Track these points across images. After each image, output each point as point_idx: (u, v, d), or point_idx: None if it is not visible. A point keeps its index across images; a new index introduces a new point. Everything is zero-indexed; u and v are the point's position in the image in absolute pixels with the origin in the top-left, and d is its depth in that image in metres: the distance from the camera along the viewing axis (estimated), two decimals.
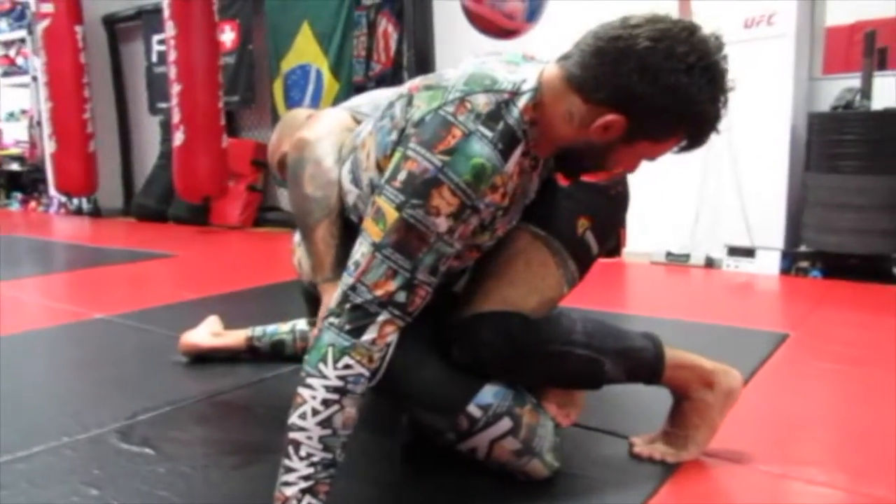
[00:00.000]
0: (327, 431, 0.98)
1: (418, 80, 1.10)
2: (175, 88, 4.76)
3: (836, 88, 3.08)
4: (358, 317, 0.98)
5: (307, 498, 0.97)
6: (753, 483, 1.23)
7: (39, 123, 6.48)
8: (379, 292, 0.98)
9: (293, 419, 0.99)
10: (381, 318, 0.98)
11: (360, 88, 4.89)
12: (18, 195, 7.25)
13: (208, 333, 1.96)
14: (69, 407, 1.63)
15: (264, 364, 1.86)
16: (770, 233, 3.13)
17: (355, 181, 1.18)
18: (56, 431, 1.45)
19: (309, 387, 0.98)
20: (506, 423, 1.16)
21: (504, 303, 1.19)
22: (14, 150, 7.33)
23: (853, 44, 3.25)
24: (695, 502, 1.18)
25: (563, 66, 1.03)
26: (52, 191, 6.40)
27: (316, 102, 4.96)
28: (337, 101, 4.82)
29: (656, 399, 1.31)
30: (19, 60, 7.09)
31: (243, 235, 5.02)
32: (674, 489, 1.20)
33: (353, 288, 0.99)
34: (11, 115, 7.42)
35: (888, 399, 1.61)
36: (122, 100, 6.55)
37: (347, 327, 0.98)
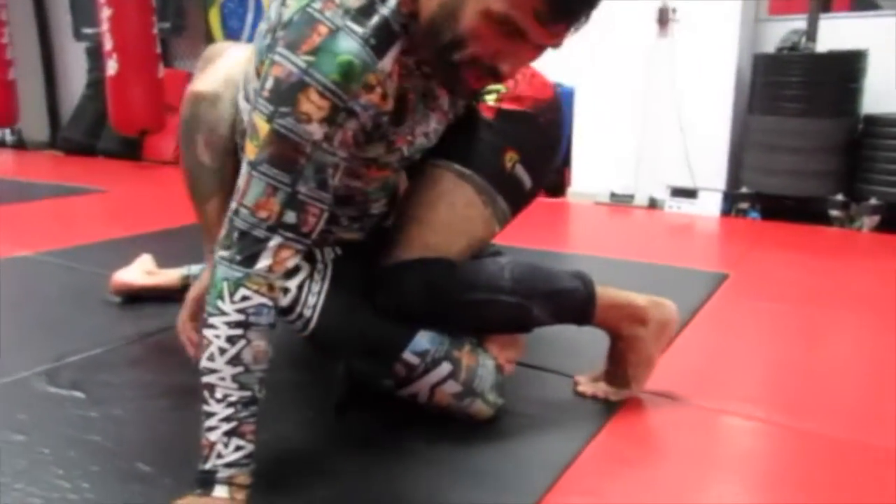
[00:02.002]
0: (239, 369, 0.92)
1: None
2: (105, 13, 4.44)
3: (782, 30, 3.09)
4: (247, 245, 0.92)
5: (234, 441, 0.92)
6: (694, 419, 1.25)
7: None
8: (262, 213, 0.92)
9: (203, 363, 0.93)
10: (272, 242, 0.93)
11: None
12: None
13: (141, 272, 1.88)
14: None
15: None
16: (712, 174, 3.16)
17: (246, 97, 1.10)
18: None
19: (212, 326, 0.92)
20: (445, 368, 1.15)
21: (426, 249, 1.16)
22: None
23: None
24: (637, 439, 1.19)
25: None
26: None
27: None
28: None
29: (600, 337, 1.31)
30: None
31: (177, 171, 4.81)
32: (616, 427, 1.21)
33: (235, 212, 0.93)
34: None
35: (824, 337, 1.66)
36: (43, 24, 6.13)
37: (238, 258, 0.92)
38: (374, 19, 0.92)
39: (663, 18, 3.13)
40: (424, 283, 1.14)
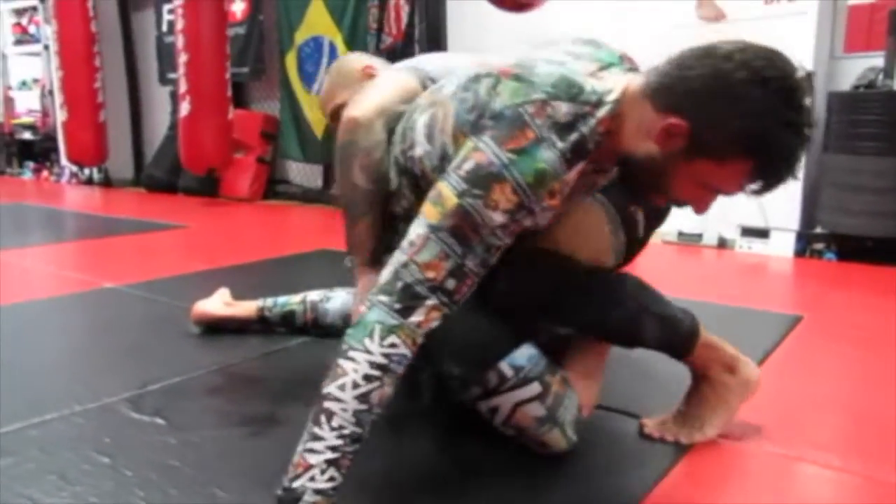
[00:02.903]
0: (363, 406, 0.97)
1: (511, 65, 1.07)
2: (182, 58, 4.72)
3: (857, 67, 3.02)
4: (408, 297, 0.98)
5: (331, 470, 0.96)
6: (767, 465, 1.22)
7: (51, 93, 6.46)
8: (430, 274, 0.99)
9: (331, 389, 0.98)
10: (429, 301, 0.99)
11: None
12: (31, 164, 7.25)
13: (220, 303, 1.96)
14: (80, 376, 1.63)
15: (273, 336, 1.86)
16: (785, 214, 3.09)
17: (429, 137, 1.16)
18: (67, 400, 1.46)
19: (352, 359, 0.98)
20: (535, 388, 1.17)
21: (555, 243, 1.20)
22: (27, 119, 7.32)
23: (876, 22, 3.18)
24: (707, 484, 1.17)
25: (646, 75, 1.02)
26: (64, 160, 6.41)
27: None
28: None
29: (667, 380, 1.30)
30: (31, 29, 7.06)
31: (252, 208, 5.01)
32: (685, 471, 1.19)
33: (405, 265, 0.99)
34: (24, 84, 7.40)
35: (881, 379, 1.59)
36: (132, 69, 6.52)
37: (397, 307, 0.98)
38: (574, 136, 0.99)
39: None
40: (553, 268, 1.19)
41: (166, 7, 5.81)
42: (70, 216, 4.73)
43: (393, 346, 0.97)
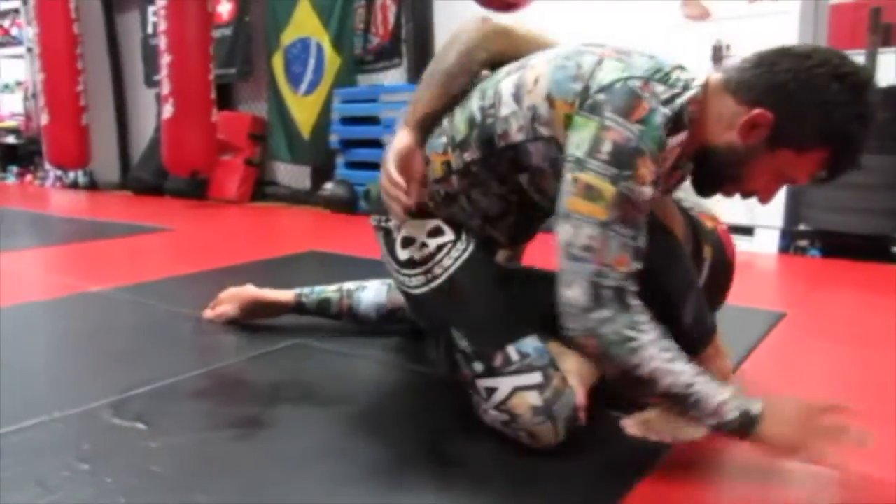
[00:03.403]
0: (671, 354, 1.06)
1: (610, 49, 1.15)
2: (165, 59, 4.70)
3: None
4: (618, 299, 1.04)
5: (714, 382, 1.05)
6: (747, 462, 1.22)
7: (35, 96, 6.42)
8: (622, 269, 1.04)
9: (666, 387, 1.04)
10: (631, 289, 1.05)
11: (358, 62, 4.84)
12: (14, 168, 7.21)
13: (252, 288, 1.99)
14: (62, 381, 1.62)
15: (261, 339, 1.86)
16: (769, 211, 3.11)
17: (517, 98, 1.19)
18: (48, 405, 1.44)
19: (642, 363, 1.03)
20: (536, 377, 1.19)
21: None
22: (10, 123, 7.28)
23: (858, 20, 3.20)
24: (690, 481, 1.17)
25: (725, 72, 1.12)
26: (48, 164, 6.37)
27: (318, 76, 4.91)
28: (339, 75, 4.78)
29: None
30: (14, 31, 7.02)
31: (241, 210, 4.99)
32: (668, 469, 1.19)
33: (598, 274, 1.03)
34: (7, 87, 7.36)
35: (886, 380, 1.60)
36: (117, 72, 6.50)
37: (615, 312, 1.04)
38: (674, 108, 1.07)
39: (717, 55, 3.13)
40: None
41: (151, 9, 5.79)
42: (55, 220, 4.70)
43: (644, 323, 1.04)
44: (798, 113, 1.03)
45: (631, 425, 1.30)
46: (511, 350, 1.20)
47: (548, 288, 1.13)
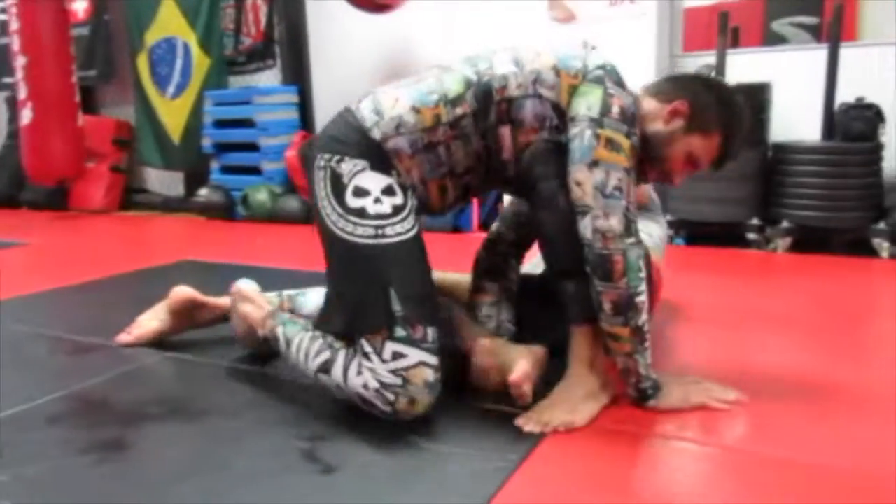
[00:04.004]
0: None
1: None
2: (20, 61, 4.36)
3: (694, 65, 3.25)
4: (636, 230, 1.32)
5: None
6: (622, 443, 1.28)
7: None
8: (633, 207, 1.31)
9: (641, 322, 1.31)
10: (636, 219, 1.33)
11: (230, 63, 4.69)
12: None
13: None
14: None
15: (130, 354, 1.77)
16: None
17: (517, 63, 1.41)
18: None
19: (641, 294, 1.30)
20: (436, 360, 1.31)
21: None
22: None
23: (710, 24, 3.43)
24: (568, 462, 1.21)
25: (644, 88, 1.49)
26: None
27: (186, 78, 4.71)
28: (209, 77, 4.60)
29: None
30: None
31: (108, 219, 4.71)
32: (544, 453, 1.23)
33: (627, 209, 1.29)
34: None
35: (748, 356, 1.72)
36: None
37: (637, 240, 1.31)
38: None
39: None
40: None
41: None
42: None
43: (644, 261, 1.32)
44: (704, 105, 1.40)
45: (526, 423, 1.33)
46: (430, 331, 1.32)
47: None
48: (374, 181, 1.37)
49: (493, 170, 1.45)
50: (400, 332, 1.30)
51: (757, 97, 2.97)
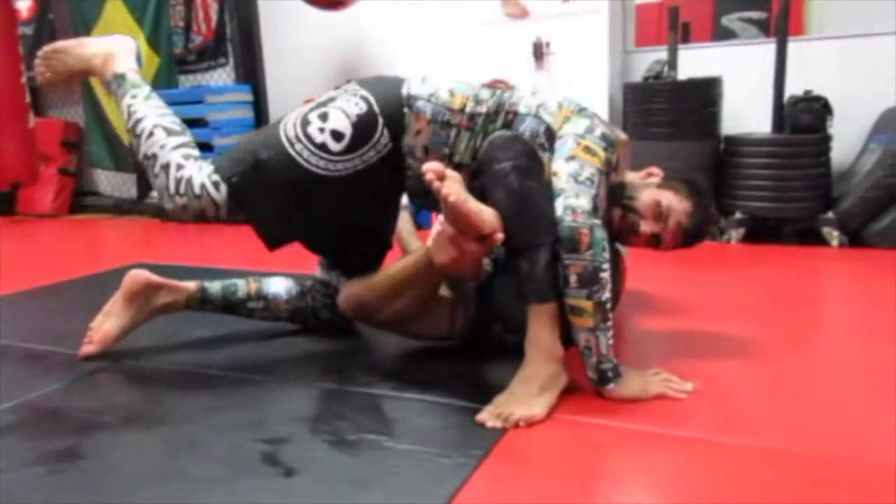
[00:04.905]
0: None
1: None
2: None
3: (647, 61, 3.29)
4: (601, 217, 1.43)
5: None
6: (575, 432, 1.29)
7: None
8: (601, 204, 1.45)
9: (606, 297, 1.37)
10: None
11: (180, 62, 4.60)
12: None
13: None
14: None
15: (83, 361, 1.72)
16: None
17: (533, 93, 1.64)
18: None
19: (606, 271, 1.37)
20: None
21: None
22: None
23: (661, 19, 3.48)
24: (528, 457, 1.21)
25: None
26: None
27: None
28: (158, 76, 4.51)
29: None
30: None
31: (57, 224, 4.59)
32: (503, 450, 1.23)
33: (595, 197, 1.41)
34: None
35: (707, 345, 1.75)
36: None
37: (602, 226, 1.39)
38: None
39: (538, 52, 3.27)
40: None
41: None
42: None
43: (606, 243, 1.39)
44: (678, 180, 1.68)
45: (487, 419, 1.33)
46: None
47: None
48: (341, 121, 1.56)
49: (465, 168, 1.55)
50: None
51: (708, 91, 3.03)
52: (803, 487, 1.09)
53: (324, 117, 1.57)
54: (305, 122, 1.58)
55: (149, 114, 1.67)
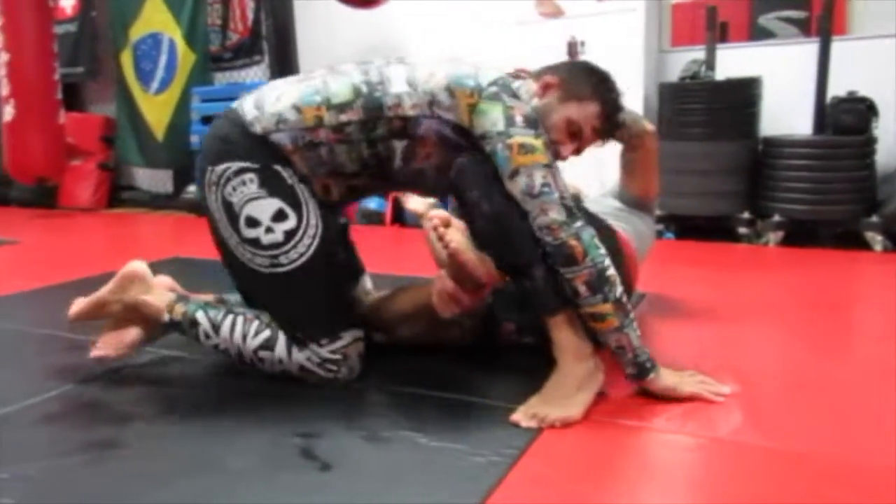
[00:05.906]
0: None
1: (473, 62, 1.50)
2: (2, 58, 4.32)
3: (683, 60, 3.25)
4: (578, 211, 1.35)
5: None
6: (616, 437, 1.28)
7: None
8: (568, 195, 1.35)
9: (619, 294, 1.34)
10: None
11: (216, 59, 4.66)
12: None
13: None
14: None
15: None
16: None
17: (410, 83, 1.45)
18: None
19: (609, 266, 1.34)
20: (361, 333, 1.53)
21: None
22: None
23: (697, 18, 3.44)
24: (561, 461, 1.21)
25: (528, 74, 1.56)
26: None
27: (170, 74, 4.68)
28: (194, 73, 4.58)
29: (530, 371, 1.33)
30: None
31: (96, 218, 4.68)
32: (539, 450, 1.23)
33: (562, 198, 1.33)
34: None
35: (738, 350, 1.73)
36: None
37: (586, 225, 1.35)
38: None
39: (572, 52, 3.26)
40: None
41: None
42: None
43: (598, 238, 1.36)
44: (573, 76, 1.49)
45: (521, 419, 1.33)
46: (348, 315, 1.55)
47: None
48: (263, 208, 1.44)
49: (383, 176, 1.51)
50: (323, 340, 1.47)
51: (747, 91, 2.99)
52: (835, 492, 1.07)
53: (252, 223, 1.45)
54: (238, 231, 1.46)
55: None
